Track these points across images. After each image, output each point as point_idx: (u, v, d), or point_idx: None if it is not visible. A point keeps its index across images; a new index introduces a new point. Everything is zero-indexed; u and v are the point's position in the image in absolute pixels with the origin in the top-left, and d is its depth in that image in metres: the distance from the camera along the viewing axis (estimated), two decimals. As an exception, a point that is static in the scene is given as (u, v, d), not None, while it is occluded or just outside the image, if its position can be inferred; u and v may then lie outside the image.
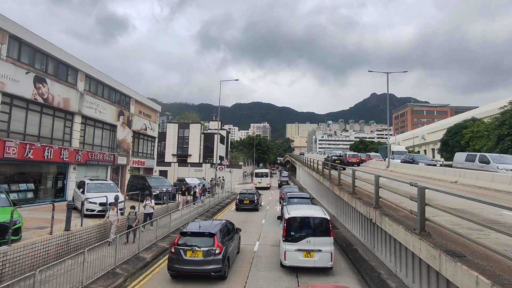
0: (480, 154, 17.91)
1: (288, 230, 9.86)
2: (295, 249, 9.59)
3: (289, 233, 9.83)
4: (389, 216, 8.17)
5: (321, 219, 9.98)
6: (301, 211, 10.63)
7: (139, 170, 29.73)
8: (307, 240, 9.62)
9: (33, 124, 16.88)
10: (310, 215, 10.24)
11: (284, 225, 10.06)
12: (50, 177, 18.53)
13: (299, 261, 9.55)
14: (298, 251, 9.55)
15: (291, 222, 9.98)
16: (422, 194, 6.42)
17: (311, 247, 9.54)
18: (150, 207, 14.11)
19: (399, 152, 35.39)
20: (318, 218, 10.03)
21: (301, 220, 10.11)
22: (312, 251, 9.48)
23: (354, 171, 12.90)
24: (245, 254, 11.43)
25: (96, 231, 11.34)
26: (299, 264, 9.59)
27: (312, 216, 10.17)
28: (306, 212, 10.49)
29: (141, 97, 29.59)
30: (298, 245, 9.62)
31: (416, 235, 6.33)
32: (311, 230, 9.87)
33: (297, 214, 10.26)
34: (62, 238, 9.52)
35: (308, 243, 9.59)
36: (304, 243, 9.61)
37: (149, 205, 14.06)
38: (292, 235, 9.80)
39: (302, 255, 9.52)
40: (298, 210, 10.89)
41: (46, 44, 17.38)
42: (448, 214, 6.52)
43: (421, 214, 6.38)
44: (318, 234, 9.72)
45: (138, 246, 10.65)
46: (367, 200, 11.05)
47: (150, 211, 14.10)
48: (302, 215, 10.24)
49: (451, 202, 9.50)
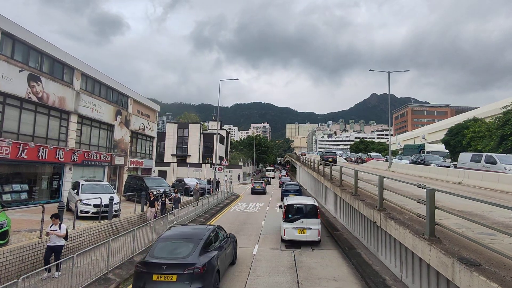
0: (486, 154, 17.50)
1: (287, 214, 13.02)
2: (292, 227, 12.72)
3: (288, 216, 12.99)
4: (395, 220, 7.77)
5: (311, 206, 13.22)
6: (296, 200, 14.11)
7: (137, 171, 29.34)
8: (301, 221, 12.78)
9: (27, 123, 16.49)
10: (303, 202, 13.60)
11: (284, 210, 13.21)
12: (45, 177, 18.15)
13: (295, 236, 12.68)
14: (294, 229, 12.70)
15: (289, 208, 13.18)
16: (431, 197, 6.03)
17: (303, 225, 12.68)
18: (57, 237, 8.21)
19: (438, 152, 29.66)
20: (309, 205, 13.27)
21: (296, 207, 13.29)
22: (305, 229, 12.65)
23: (356, 172, 12.51)
24: (244, 258, 11.01)
25: (89, 234, 10.93)
26: (295, 238, 12.70)
27: (304, 203, 13.48)
28: (300, 201, 13.90)
29: (139, 96, 29.19)
30: (294, 224, 12.76)
31: (425, 240, 5.93)
32: (303, 213, 12.98)
33: (294, 202, 13.59)
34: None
35: (301, 223, 12.74)
36: (299, 223, 12.76)
37: (56, 233, 8.15)
38: (290, 217, 12.95)
39: (297, 231, 12.70)
40: (294, 199, 14.27)
41: (40, 41, 16.99)
42: (456, 217, 6.14)
43: (430, 218, 5.99)
44: (309, 216, 12.85)
45: (132, 249, 10.25)
46: (371, 202, 10.65)
47: (57, 243, 8.23)
48: (297, 202, 13.65)
49: (457, 204, 9.11)
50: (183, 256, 7.23)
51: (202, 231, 8.58)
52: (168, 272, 6.76)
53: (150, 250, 7.48)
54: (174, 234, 8.46)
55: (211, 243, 8.23)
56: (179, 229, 9.24)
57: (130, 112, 27.34)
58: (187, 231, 8.81)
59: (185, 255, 7.23)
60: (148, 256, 7.24)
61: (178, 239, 8.03)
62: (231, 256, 9.87)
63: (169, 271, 6.76)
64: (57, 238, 8.20)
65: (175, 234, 8.41)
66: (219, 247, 8.51)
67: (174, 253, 7.40)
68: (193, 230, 9.04)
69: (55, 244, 8.24)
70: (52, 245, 8.22)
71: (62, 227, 8.33)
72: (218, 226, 9.80)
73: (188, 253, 7.27)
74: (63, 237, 8.35)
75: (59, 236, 8.21)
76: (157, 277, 6.72)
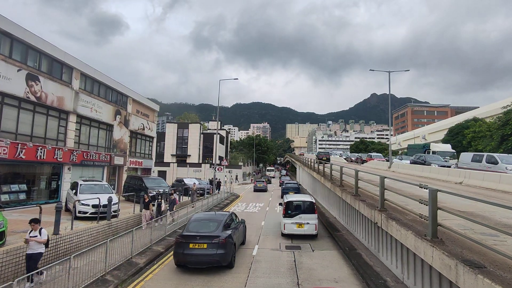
0: (488, 154, 17.39)
1: (287, 210, 14.01)
2: (291, 222, 13.73)
3: (287, 212, 13.97)
4: (396, 220, 7.67)
5: (309, 202, 14.10)
6: (295, 197, 15.18)
7: (137, 171, 29.24)
8: (299, 216, 13.73)
9: (25, 123, 16.37)
10: (301, 199, 14.50)
11: (284, 207, 14.20)
12: (43, 178, 18.03)
13: (294, 230, 13.67)
14: (294, 224, 13.69)
15: (288, 205, 14.18)
16: (434, 197, 5.92)
17: (302, 221, 13.65)
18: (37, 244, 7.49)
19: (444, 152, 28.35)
20: (307, 202, 14.17)
21: (295, 203, 14.24)
22: (303, 224, 13.63)
23: (357, 172, 12.40)
24: (243, 259, 10.91)
25: (88, 234, 10.82)
26: (294, 232, 13.67)
27: (303, 200, 14.38)
28: (299, 198, 14.92)
29: (138, 96, 29.08)
30: (293, 219, 13.74)
31: (427, 241, 5.83)
32: (302, 210, 13.91)
33: (293, 199, 14.64)
34: (50, 243, 8.98)
35: (300, 218, 13.70)
36: (297, 218, 13.72)
37: (36, 239, 7.46)
38: (289, 213, 13.94)
39: (296, 226, 13.69)
40: (293, 197, 15.39)
41: (39, 41, 16.88)
42: (459, 218, 6.03)
43: (432, 219, 5.88)
44: (307, 212, 13.80)
45: (131, 250, 10.14)
46: (371, 203, 10.55)
47: (36, 250, 7.51)
48: (296, 199, 14.60)
49: (459, 205, 9.01)
50: (210, 231, 9.83)
51: (222, 215, 11.17)
52: (201, 241, 9.42)
53: (185, 228, 10.32)
54: (201, 217, 11.24)
55: (229, 224, 10.69)
56: (204, 214, 12.48)
57: (130, 112, 27.23)
58: (211, 215, 11.63)
59: (212, 230, 9.86)
60: (185, 231, 9.96)
61: (205, 220, 10.74)
62: (242, 236, 12.52)
63: (201, 241, 9.42)
64: (37, 245, 7.49)
65: (202, 217, 11.17)
66: (234, 228, 11.07)
67: (204, 229, 10.00)
68: (215, 214, 11.73)
69: (34, 251, 7.48)
70: (31, 253, 7.45)
71: (43, 233, 7.59)
72: (232, 213, 12.31)
73: (214, 229, 9.91)
74: (44, 244, 7.63)
75: (39, 242, 7.49)
76: (192, 245, 9.37)
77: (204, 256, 9.29)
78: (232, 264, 9.85)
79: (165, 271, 9.58)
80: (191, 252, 9.25)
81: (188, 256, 9.27)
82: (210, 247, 9.32)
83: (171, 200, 16.42)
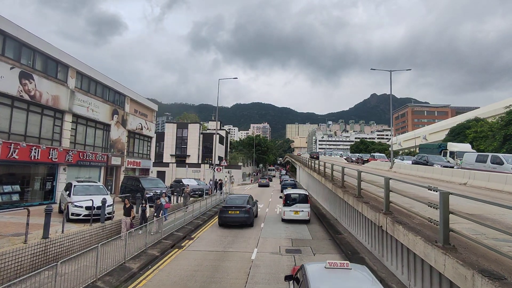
0: (492, 155, 16.96)
1: (286, 200, 18.14)
2: (289, 210, 17.80)
3: (286, 202, 18.07)
4: (403, 224, 7.25)
5: (303, 195, 18.27)
6: (293, 191, 19.44)
7: (135, 171, 28.82)
8: (296, 205, 17.80)
9: (19, 122, 15.96)
10: (297, 192, 18.74)
11: (283, 198, 18.44)
12: (38, 178, 17.61)
13: (292, 216, 17.64)
14: (291, 211, 17.74)
15: (287, 196, 18.25)
16: (445, 201, 5.51)
17: (297, 209, 17.69)
18: None
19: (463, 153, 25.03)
20: (302, 194, 18.30)
21: (292, 196, 18.24)
22: (298, 211, 17.64)
23: (359, 173, 11.98)
24: (241, 264, 10.49)
25: (80, 238, 10.40)
26: (291, 218, 17.64)
27: (298, 193, 18.57)
28: (295, 191, 19.15)
29: (136, 95, 28.67)
30: (291, 208, 17.81)
31: (439, 248, 5.41)
32: (297, 200, 17.99)
33: (290, 192, 18.80)
34: (38, 247, 8.59)
35: (296, 207, 17.75)
36: (294, 207, 17.78)
37: None
38: (288, 203, 18.01)
39: (293, 213, 17.69)
40: (291, 191, 19.61)
41: (33, 38, 16.47)
42: (468, 222, 5.63)
43: (444, 224, 5.46)
44: (301, 202, 17.90)
45: (124, 254, 9.72)
46: (375, 205, 10.14)
47: None
48: (293, 192, 18.81)
49: (465, 207, 8.58)
50: (240, 203, 16.62)
51: (245, 196, 18.33)
52: (235, 209, 16.17)
53: (225, 201, 17.66)
54: (234, 196, 19.19)
55: (249, 201, 17.30)
56: (234, 195, 21.13)
57: (127, 112, 26.82)
58: (239, 195, 19.10)
59: (241, 203, 16.61)
60: (225, 203, 17.03)
61: (236, 198, 17.90)
62: (256, 210, 19.36)
63: (235, 209, 16.17)
64: None
65: (234, 196, 18.90)
66: (252, 204, 17.98)
67: (236, 203, 16.75)
68: (241, 196, 18.77)
69: None
70: None
71: None
72: (250, 196, 18.67)
73: (242, 203, 16.70)
74: None
75: None
76: (230, 212, 16.15)
77: (237, 218, 16.15)
78: (252, 224, 16.73)
79: (162, 277, 9.14)
80: (229, 215, 16.22)
81: (228, 218, 16.22)
82: (241, 213, 16.14)
83: (158, 205, 14.36)
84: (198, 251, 11.82)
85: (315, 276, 4.87)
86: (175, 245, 12.50)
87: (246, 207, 16.23)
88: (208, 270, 9.66)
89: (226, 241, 13.43)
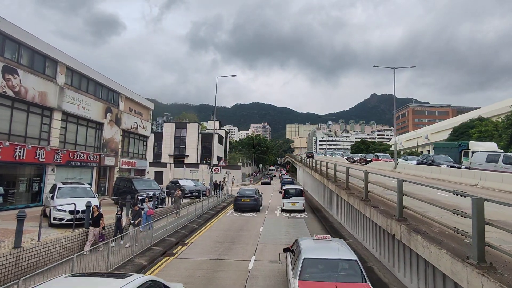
0: (505, 154, 16.04)
1: (285, 194, 22.34)
2: (287, 202, 21.78)
3: (285, 195, 22.18)
4: (422, 234, 6.30)
5: (299, 190, 22.80)
6: (290, 186, 24.38)
7: (130, 172, 27.85)
8: (293, 198, 21.81)
9: (2, 120, 15.04)
10: (294, 187, 23.50)
11: (283, 192, 22.93)
12: (23, 179, 16.66)
13: (289, 207, 21.64)
14: (289, 203, 21.71)
15: (286, 191, 22.52)
16: (479, 209, 4.56)
17: (294, 201, 21.70)
18: None
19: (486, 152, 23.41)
20: (298, 189, 22.91)
21: (290, 190, 22.55)
22: (295, 203, 21.63)
23: (366, 174, 11.03)
24: (237, 275, 9.53)
25: (59, 246, 9.44)
26: (289, 208, 21.62)
27: (295, 188, 23.22)
28: (292, 187, 24.22)
29: (131, 93, 27.70)
30: (289, 200, 21.81)
31: (473, 267, 4.46)
32: (294, 194, 22.16)
33: (288, 187, 23.43)
34: (7, 257, 7.62)
35: (293, 199, 21.74)
36: (291, 199, 21.78)
37: None
38: (286, 196, 22.08)
39: (291, 204, 21.65)
40: (289, 186, 24.38)
41: (18, 31, 15.52)
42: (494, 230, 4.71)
43: (479, 237, 4.51)
44: (298, 195, 22.03)
45: (106, 264, 8.76)
46: (385, 209, 9.19)
47: None
48: (290, 187, 23.49)
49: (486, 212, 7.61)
50: (251, 194, 23.00)
51: (254, 188, 25.10)
52: (247, 198, 22.32)
53: (238, 193, 23.63)
54: (245, 188, 26.37)
55: (257, 192, 23.50)
56: (244, 187, 29.27)
57: (122, 110, 25.87)
58: (249, 188, 26.50)
59: (251, 194, 22.94)
60: (239, 193, 23.29)
61: (247, 190, 24.56)
62: (261, 201, 24.72)
63: (247, 198, 22.33)
64: None
65: (245, 188, 26.14)
66: (259, 195, 23.88)
67: (247, 193, 23.12)
68: (250, 188, 25.67)
69: None
70: None
71: None
72: (257, 189, 24.72)
73: (252, 193, 23.02)
74: None
75: None
76: (242, 200, 22.25)
77: (248, 205, 21.77)
78: (259, 210, 22.35)
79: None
80: (242, 203, 21.95)
81: (241, 205, 21.92)
82: (251, 201, 21.85)
83: (135, 212, 12.19)
84: (190, 259, 10.86)
85: (305, 244, 7.31)
86: (166, 253, 11.53)
87: (254, 197, 22.20)
88: (200, 282, 8.70)
89: (222, 248, 12.45)
